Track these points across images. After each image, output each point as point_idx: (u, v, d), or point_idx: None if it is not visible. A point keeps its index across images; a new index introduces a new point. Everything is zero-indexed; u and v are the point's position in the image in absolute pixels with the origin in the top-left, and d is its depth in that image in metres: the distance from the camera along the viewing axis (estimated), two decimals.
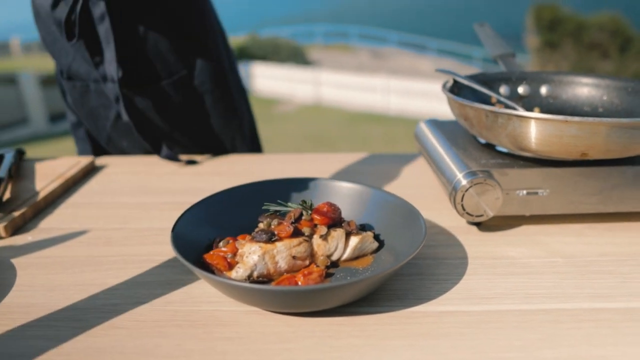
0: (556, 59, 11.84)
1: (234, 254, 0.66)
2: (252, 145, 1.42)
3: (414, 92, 11.67)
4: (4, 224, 0.86)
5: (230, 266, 0.65)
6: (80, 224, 0.89)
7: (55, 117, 11.15)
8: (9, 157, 1.05)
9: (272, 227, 0.67)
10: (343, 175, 1.04)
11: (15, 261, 0.78)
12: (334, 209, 0.70)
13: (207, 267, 0.66)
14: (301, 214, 0.69)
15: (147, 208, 0.94)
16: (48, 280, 0.73)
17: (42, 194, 0.95)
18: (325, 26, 23.54)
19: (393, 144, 9.13)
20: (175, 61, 1.18)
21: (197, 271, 0.59)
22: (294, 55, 16.32)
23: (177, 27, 1.17)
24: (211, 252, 0.67)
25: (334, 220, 0.69)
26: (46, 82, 11.92)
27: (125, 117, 1.15)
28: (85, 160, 1.12)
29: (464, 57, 17.19)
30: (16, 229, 0.88)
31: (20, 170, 1.09)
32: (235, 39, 17.39)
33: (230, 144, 1.31)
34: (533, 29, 12.43)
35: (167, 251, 0.78)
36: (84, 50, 1.12)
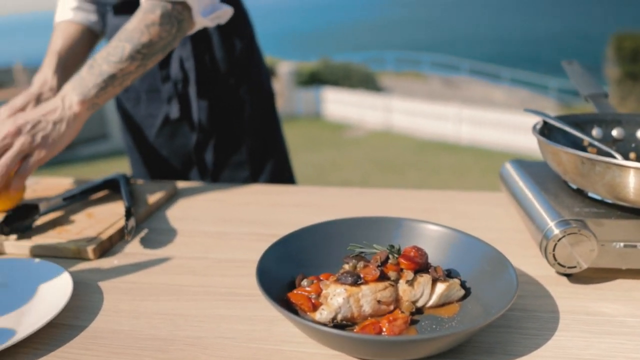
0: (638, 91, 11.37)
1: (318, 295, 0.66)
2: (282, 175, 1.49)
3: (486, 121, 11.44)
4: (92, 246, 0.89)
5: (315, 307, 0.64)
6: (162, 250, 0.91)
7: None
8: (123, 183, 1.09)
9: (358, 269, 0.66)
10: (421, 213, 1.02)
11: (101, 284, 0.81)
12: (421, 253, 0.68)
13: (290, 307, 0.65)
14: (387, 257, 0.67)
15: (227, 238, 0.95)
16: (133, 306, 0.74)
17: None
18: (397, 53, 23.57)
19: (464, 175, 8.95)
20: (226, 72, 1.34)
21: (283, 312, 0.59)
22: (365, 81, 16.37)
23: (230, 45, 1.34)
24: (295, 292, 0.67)
25: (421, 266, 0.68)
26: None
27: (175, 114, 1.33)
28: (168, 186, 1.15)
29: (539, 88, 16.77)
30: (103, 252, 0.91)
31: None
32: (307, 64, 17.66)
33: (259, 167, 1.42)
34: (613, 60, 12.00)
35: (248, 284, 0.78)
36: None
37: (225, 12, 1.15)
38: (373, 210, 1.03)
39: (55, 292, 0.75)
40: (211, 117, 1.35)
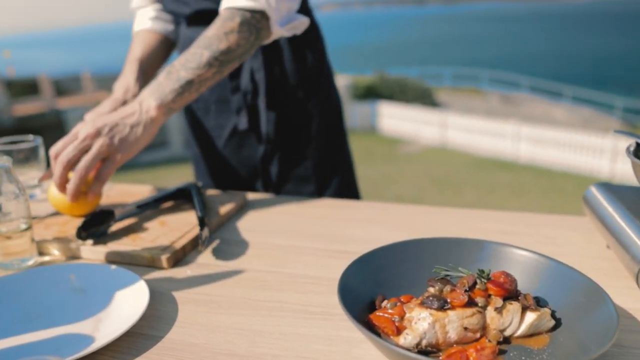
0: None
1: (401, 318, 0.63)
2: (349, 190, 1.46)
3: (546, 140, 11.12)
4: (166, 255, 0.89)
5: (398, 331, 0.62)
6: (235, 262, 0.91)
7: None
8: (195, 193, 1.09)
9: (444, 293, 0.64)
10: (501, 235, 0.98)
11: (176, 294, 0.81)
12: (511, 280, 0.65)
13: (372, 328, 0.63)
14: (475, 282, 0.64)
15: (300, 253, 0.93)
16: (208, 319, 0.74)
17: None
18: (455, 68, 23.28)
19: (522, 194, 8.72)
20: (295, 85, 1.33)
21: (368, 335, 0.57)
22: (422, 96, 16.23)
23: (301, 58, 1.32)
24: (377, 313, 0.65)
25: (510, 293, 0.64)
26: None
27: (243, 125, 1.32)
28: (237, 197, 1.15)
29: (604, 107, 16.21)
30: (176, 261, 0.91)
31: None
32: (364, 77, 17.67)
33: (325, 182, 1.40)
34: None
35: (323, 302, 0.76)
36: None
37: (302, 23, 1.15)
38: (447, 230, 1.00)
39: (131, 301, 0.75)
40: (279, 129, 1.35)
